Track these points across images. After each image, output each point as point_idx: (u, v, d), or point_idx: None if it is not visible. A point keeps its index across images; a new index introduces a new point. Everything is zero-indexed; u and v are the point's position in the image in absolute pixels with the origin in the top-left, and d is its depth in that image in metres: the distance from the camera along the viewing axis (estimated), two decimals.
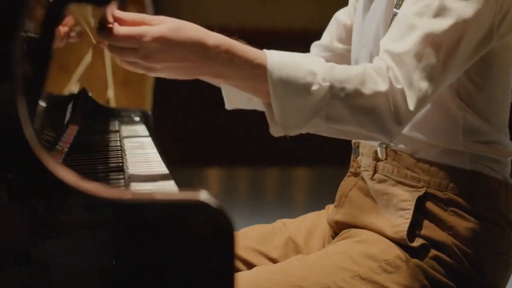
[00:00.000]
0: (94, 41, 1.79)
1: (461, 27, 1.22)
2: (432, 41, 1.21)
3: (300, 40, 1.64)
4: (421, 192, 1.34)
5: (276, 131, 1.18)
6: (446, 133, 1.34)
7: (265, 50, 1.18)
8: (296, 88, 1.15)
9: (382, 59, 1.21)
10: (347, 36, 1.56)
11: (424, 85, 1.19)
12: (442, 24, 1.21)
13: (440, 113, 1.34)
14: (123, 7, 3.87)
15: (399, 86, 1.17)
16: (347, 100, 1.16)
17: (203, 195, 0.87)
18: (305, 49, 1.53)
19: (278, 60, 1.16)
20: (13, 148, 0.87)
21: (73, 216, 0.88)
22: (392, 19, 1.31)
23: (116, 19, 1.13)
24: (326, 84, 1.15)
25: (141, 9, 3.48)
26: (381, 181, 1.39)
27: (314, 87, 1.15)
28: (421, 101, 1.20)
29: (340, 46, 1.58)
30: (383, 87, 1.17)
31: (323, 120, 1.16)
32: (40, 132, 1.47)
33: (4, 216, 0.88)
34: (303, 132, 1.21)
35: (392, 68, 1.19)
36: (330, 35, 1.60)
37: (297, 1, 9.70)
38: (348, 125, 1.18)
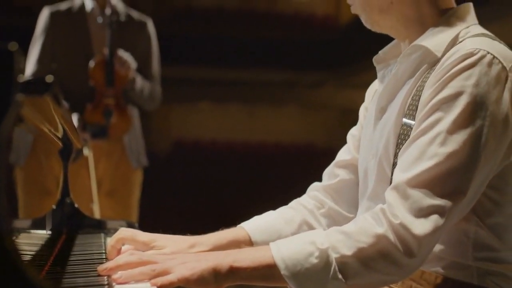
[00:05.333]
0: (60, 145, 1.79)
1: (474, 152, 1.22)
2: (441, 168, 1.22)
3: (288, 153, 1.65)
4: None
5: None
6: (455, 246, 1.32)
7: (270, 245, 1.25)
8: (302, 263, 1.22)
9: (388, 195, 1.24)
10: None
11: (435, 211, 1.21)
12: (452, 150, 1.22)
13: (452, 225, 1.31)
14: (108, 121, 3.84)
15: (397, 221, 1.20)
16: (353, 254, 1.20)
17: None
18: (294, 161, 1.54)
19: (282, 251, 1.23)
20: None
21: None
22: (401, 129, 1.32)
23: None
24: (325, 246, 1.21)
25: (127, 124, 3.51)
26: None
27: (316, 253, 1.22)
28: (434, 225, 1.20)
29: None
30: (381, 229, 1.21)
31: (340, 281, 1.21)
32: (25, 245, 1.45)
33: None
34: None
35: (389, 206, 1.22)
36: (349, 152, 1.61)
37: (285, 115, 9.86)
38: (366, 276, 1.21)
